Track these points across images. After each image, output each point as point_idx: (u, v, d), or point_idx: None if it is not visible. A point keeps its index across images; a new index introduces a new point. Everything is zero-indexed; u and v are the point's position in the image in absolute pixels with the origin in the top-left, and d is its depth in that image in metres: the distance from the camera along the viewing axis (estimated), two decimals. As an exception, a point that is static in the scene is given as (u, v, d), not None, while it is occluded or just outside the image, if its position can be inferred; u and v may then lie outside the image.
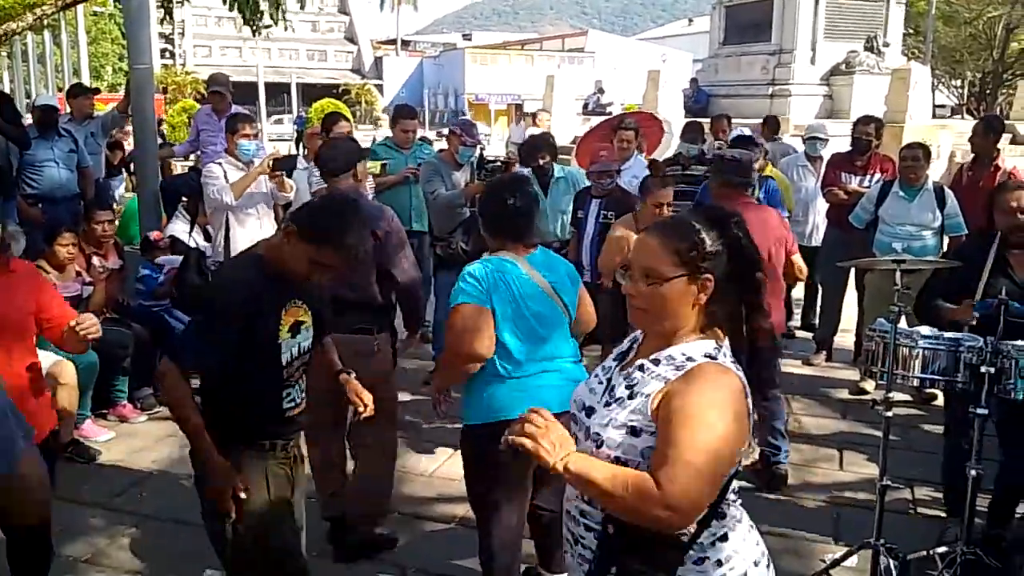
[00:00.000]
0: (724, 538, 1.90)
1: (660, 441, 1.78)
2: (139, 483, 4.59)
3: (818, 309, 7.22)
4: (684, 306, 1.88)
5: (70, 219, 5.83)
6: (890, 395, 3.49)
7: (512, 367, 3.04)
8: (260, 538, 2.68)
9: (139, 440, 5.16)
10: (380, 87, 49.88)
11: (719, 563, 1.88)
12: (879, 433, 3.66)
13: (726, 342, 1.91)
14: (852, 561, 3.71)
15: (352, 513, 3.88)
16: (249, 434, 2.68)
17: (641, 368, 1.91)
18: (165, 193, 6.71)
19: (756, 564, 1.94)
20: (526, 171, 5.88)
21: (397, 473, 4.30)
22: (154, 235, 6.02)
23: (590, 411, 1.96)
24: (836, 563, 3.65)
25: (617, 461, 1.85)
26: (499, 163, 6.47)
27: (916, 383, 3.56)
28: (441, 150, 6.66)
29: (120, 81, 30.33)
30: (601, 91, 20.35)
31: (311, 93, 37.32)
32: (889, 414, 3.51)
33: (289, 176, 5.84)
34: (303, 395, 2.81)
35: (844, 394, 6.13)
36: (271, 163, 5.58)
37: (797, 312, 7.67)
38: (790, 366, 6.68)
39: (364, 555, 3.85)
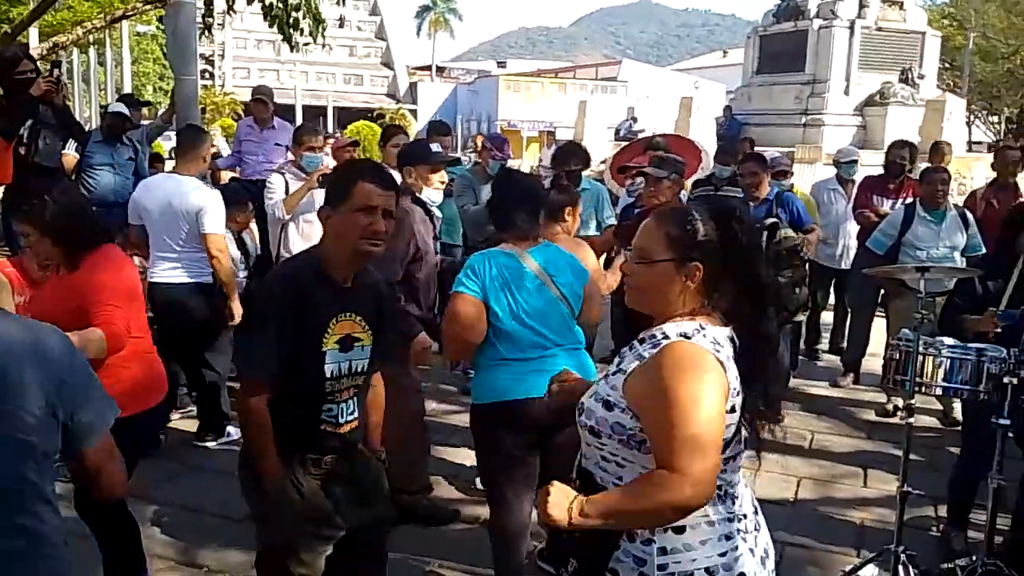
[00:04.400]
0: (679, 530, 1.88)
1: (654, 425, 1.82)
2: (175, 476, 4.71)
3: (846, 332, 7.25)
4: (671, 289, 1.93)
5: (122, 224, 5.99)
6: (912, 402, 3.52)
7: (510, 351, 3.17)
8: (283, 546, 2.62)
9: (176, 436, 5.30)
10: (415, 112, 50.42)
11: (663, 551, 1.88)
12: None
13: (712, 328, 1.91)
14: (872, 572, 3.71)
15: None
16: (281, 442, 2.54)
17: (631, 347, 1.99)
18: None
19: (708, 571, 1.89)
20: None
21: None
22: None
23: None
24: (855, 570, 3.67)
25: (591, 431, 1.94)
26: None
27: (939, 391, 3.59)
28: (475, 163, 6.83)
29: (160, 100, 31.01)
30: (634, 119, 20.47)
31: (347, 116, 37.86)
32: (912, 420, 3.53)
33: None
34: (352, 416, 2.69)
35: (870, 415, 6.13)
36: (320, 178, 5.71)
37: (825, 335, 7.71)
38: (817, 387, 6.72)
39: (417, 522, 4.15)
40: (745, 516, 1.97)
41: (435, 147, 4.38)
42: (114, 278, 3.13)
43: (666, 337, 1.89)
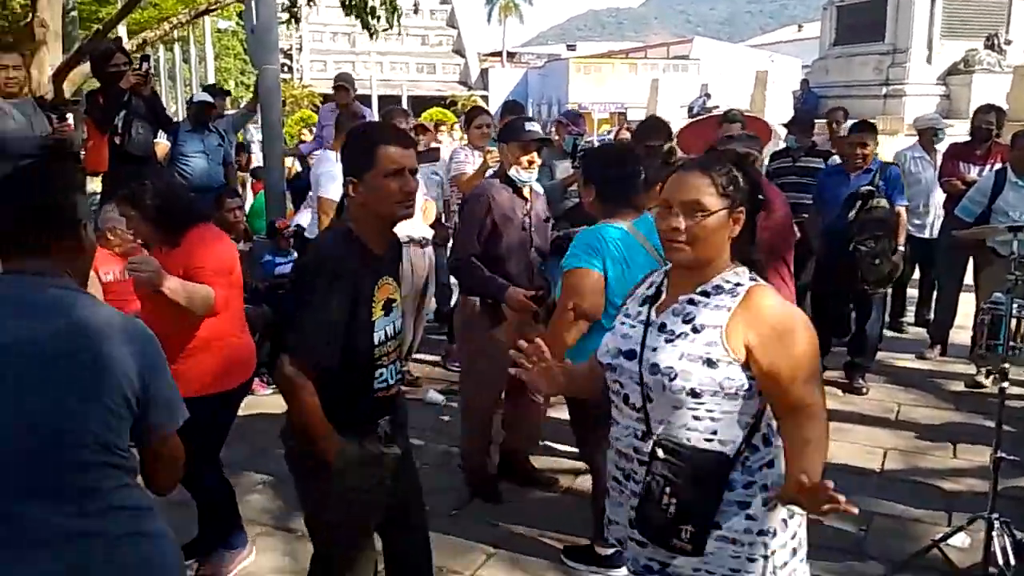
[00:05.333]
0: (771, 464, 1.99)
1: (782, 369, 1.91)
2: (262, 450, 4.86)
3: (933, 304, 7.06)
4: (722, 238, 2.01)
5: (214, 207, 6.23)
6: (1005, 366, 3.44)
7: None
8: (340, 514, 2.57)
9: (264, 410, 5.48)
10: (486, 98, 50.54)
11: (765, 487, 1.97)
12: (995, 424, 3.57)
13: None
14: (964, 541, 3.67)
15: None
16: (335, 415, 2.45)
17: (692, 302, 2.01)
18: (292, 188, 7.08)
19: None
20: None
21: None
22: (280, 223, 6.38)
23: (630, 355, 2.04)
24: (946, 537, 3.62)
25: (692, 393, 1.93)
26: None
27: (1034, 355, 3.49)
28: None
29: (241, 95, 31.79)
30: (707, 95, 20.20)
31: (420, 104, 38.18)
32: (1005, 384, 3.45)
33: None
34: (398, 376, 2.65)
35: (959, 387, 5.98)
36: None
37: (911, 308, 7.52)
38: (903, 359, 6.58)
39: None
40: None
41: (530, 125, 4.16)
42: (210, 253, 3.29)
43: (739, 285, 2.00)
